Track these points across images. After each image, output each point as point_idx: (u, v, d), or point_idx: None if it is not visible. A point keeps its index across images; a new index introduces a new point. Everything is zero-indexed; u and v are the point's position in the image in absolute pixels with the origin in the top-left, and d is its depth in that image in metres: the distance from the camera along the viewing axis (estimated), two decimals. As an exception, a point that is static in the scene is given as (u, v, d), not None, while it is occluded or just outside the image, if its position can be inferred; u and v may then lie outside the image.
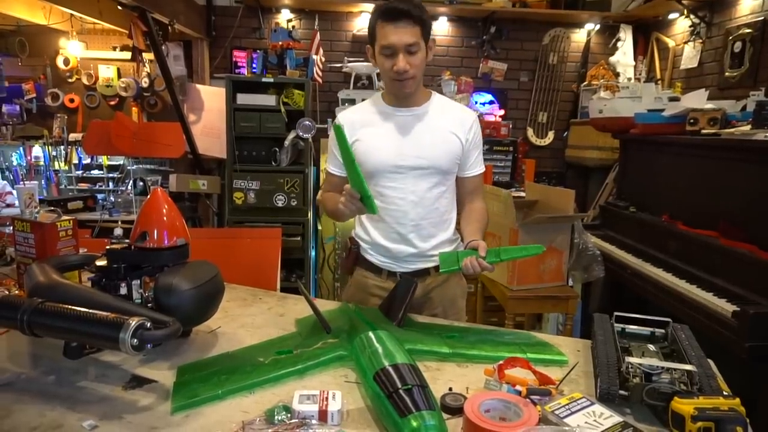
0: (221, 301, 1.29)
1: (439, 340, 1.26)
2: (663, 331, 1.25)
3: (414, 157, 1.53)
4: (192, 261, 1.28)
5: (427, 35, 1.47)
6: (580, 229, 2.54)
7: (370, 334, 1.15)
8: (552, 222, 2.42)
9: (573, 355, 1.26)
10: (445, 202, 1.60)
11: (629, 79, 3.74)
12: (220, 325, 1.36)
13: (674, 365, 1.02)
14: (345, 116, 1.62)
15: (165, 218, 1.24)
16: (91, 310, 0.97)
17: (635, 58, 3.91)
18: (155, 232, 1.22)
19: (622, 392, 0.99)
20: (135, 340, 0.93)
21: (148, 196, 1.28)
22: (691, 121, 2.32)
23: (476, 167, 1.63)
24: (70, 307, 0.98)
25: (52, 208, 1.60)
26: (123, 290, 1.21)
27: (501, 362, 1.07)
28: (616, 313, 1.29)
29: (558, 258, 2.48)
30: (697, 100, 2.43)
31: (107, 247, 1.23)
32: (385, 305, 1.43)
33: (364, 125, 1.57)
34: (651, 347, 1.16)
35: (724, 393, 0.96)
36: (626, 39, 3.86)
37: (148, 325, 0.96)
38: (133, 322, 0.94)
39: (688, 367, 1.00)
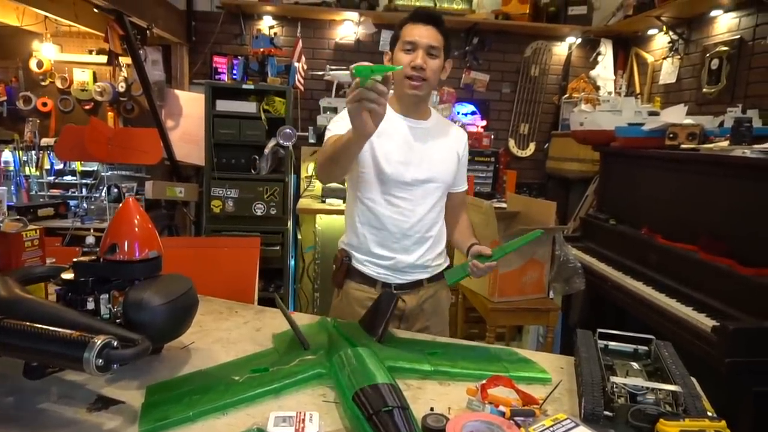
0: (195, 315, 1.24)
1: (420, 356, 1.23)
2: (646, 348, 1.24)
3: (427, 171, 1.57)
4: (164, 274, 1.22)
5: (447, 50, 1.54)
6: (561, 242, 2.54)
7: (350, 351, 1.11)
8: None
9: (556, 372, 1.23)
10: (443, 215, 1.68)
11: (609, 93, 3.80)
12: (193, 341, 1.31)
13: (659, 385, 1.00)
14: None
15: (136, 229, 1.18)
16: (52, 328, 0.91)
17: (615, 72, 3.97)
18: (126, 243, 1.16)
19: (606, 413, 0.97)
20: (100, 360, 0.87)
21: (120, 206, 1.23)
22: (671, 135, 2.35)
23: (463, 183, 1.74)
24: (29, 324, 0.92)
25: (18, 216, 1.53)
26: (90, 305, 1.14)
27: (484, 381, 1.04)
28: (599, 330, 1.27)
29: (539, 270, 2.48)
30: (676, 115, 2.46)
31: (74, 259, 1.18)
32: (366, 320, 1.39)
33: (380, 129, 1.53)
34: (635, 365, 1.15)
35: (710, 414, 0.94)
36: (606, 53, 3.92)
37: (115, 343, 0.90)
38: (99, 340, 0.88)
39: (673, 387, 0.99)
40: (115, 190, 3.66)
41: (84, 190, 3.78)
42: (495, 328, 2.48)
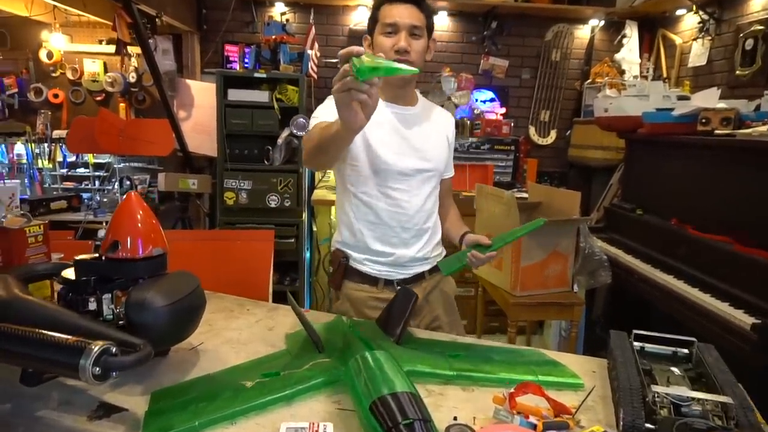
0: (202, 317, 1.17)
1: (441, 359, 1.15)
2: (686, 351, 1.14)
3: (421, 160, 1.50)
4: (170, 273, 1.16)
5: (430, 29, 1.47)
6: (586, 233, 2.44)
7: (367, 354, 1.03)
8: (556, 225, 2.31)
9: (587, 376, 1.15)
10: (437, 205, 1.62)
11: (635, 77, 3.65)
12: (202, 341, 1.24)
13: (707, 396, 0.91)
14: None
15: (139, 225, 1.12)
16: (47, 332, 0.85)
17: (641, 56, 3.81)
18: (128, 241, 1.10)
19: (648, 425, 0.88)
20: (97, 369, 0.81)
21: (123, 200, 1.17)
22: (703, 120, 2.22)
23: (451, 169, 1.67)
24: (21, 328, 0.86)
25: (22, 212, 1.48)
26: (92, 305, 1.08)
27: (512, 390, 0.96)
28: (635, 331, 1.18)
29: (563, 263, 2.38)
30: (709, 99, 2.32)
31: (75, 257, 1.12)
32: (383, 319, 1.32)
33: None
34: (675, 371, 1.06)
35: (765, 430, 0.85)
36: (632, 36, 3.76)
37: (114, 350, 0.84)
38: (96, 347, 0.82)
39: (723, 398, 0.89)
40: (128, 182, 3.63)
41: (97, 182, 3.76)
42: (516, 323, 2.39)
